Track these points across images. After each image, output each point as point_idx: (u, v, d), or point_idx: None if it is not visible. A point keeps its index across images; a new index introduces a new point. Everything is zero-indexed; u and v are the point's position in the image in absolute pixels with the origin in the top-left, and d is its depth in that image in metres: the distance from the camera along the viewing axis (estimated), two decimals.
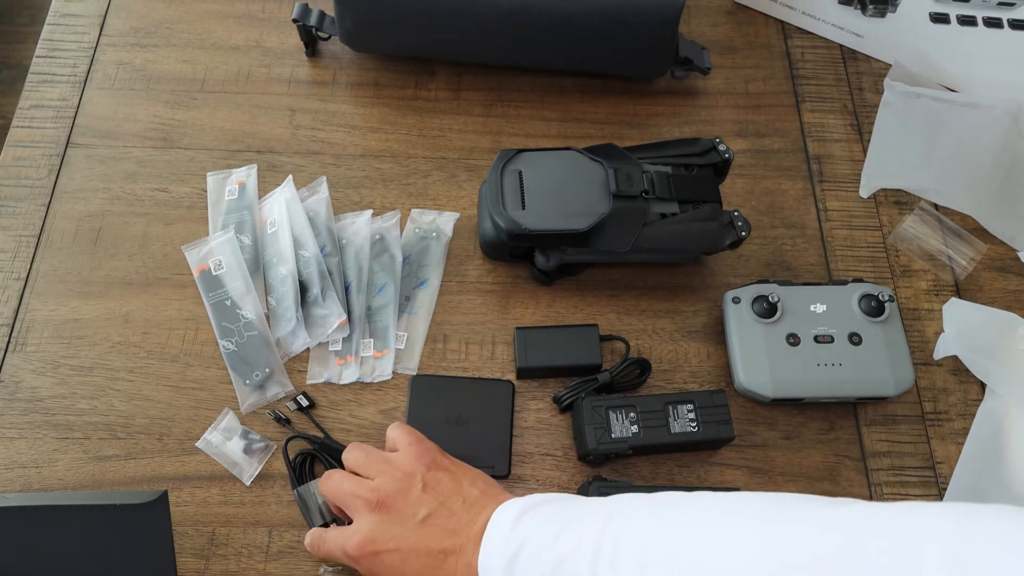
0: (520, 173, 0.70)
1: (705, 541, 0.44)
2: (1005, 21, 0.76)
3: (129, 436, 0.67)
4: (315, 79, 0.84)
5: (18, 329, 0.71)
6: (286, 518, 0.65)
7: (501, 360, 0.71)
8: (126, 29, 0.86)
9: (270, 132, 0.81)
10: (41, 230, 0.75)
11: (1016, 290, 0.76)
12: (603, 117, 0.83)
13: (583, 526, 0.48)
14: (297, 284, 0.71)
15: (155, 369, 0.70)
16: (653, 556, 0.44)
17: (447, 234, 0.76)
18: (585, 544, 0.46)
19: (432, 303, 0.73)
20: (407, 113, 0.83)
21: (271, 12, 0.88)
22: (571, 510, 0.50)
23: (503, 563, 0.49)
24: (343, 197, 0.78)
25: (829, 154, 0.83)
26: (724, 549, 0.43)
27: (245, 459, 0.66)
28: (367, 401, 0.69)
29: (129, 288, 0.73)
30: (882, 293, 0.70)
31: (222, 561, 0.63)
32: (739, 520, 0.44)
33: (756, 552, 0.41)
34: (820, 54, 0.89)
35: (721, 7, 0.91)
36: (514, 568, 0.48)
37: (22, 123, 0.81)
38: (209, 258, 0.73)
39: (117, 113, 0.81)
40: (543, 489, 0.66)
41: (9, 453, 0.66)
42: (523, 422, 0.69)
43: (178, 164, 0.79)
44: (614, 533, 0.46)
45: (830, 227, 0.79)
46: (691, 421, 0.64)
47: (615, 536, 0.46)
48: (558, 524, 0.49)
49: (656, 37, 0.77)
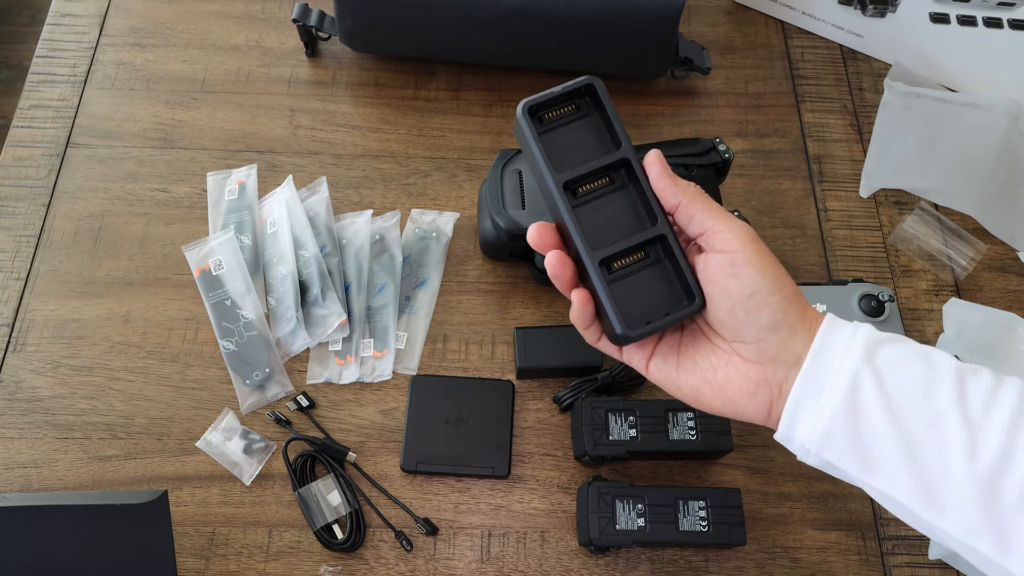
0: (520, 173, 0.70)
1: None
2: (1005, 21, 0.76)
3: (129, 436, 0.67)
4: (315, 79, 0.84)
5: (18, 329, 0.71)
6: (286, 518, 0.65)
7: (501, 360, 0.71)
8: (126, 29, 0.86)
9: (270, 132, 0.81)
10: (41, 230, 0.75)
11: (1016, 290, 0.76)
12: None
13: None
14: (297, 284, 0.71)
15: (155, 369, 0.70)
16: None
17: (447, 234, 0.76)
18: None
19: (432, 303, 0.73)
20: (407, 113, 0.83)
21: (271, 12, 0.88)
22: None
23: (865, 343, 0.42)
24: (343, 197, 0.78)
25: (829, 154, 0.83)
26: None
27: (245, 459, 0.66)
28: (367, 401, 0.69)
29: (129, 288, 0.73)
30: (882, 293, 0.70)
31: (222, 561, 0.63)
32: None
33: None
34: (820, 54, 0.88)
35: (721, 7, 0.91)
36: (877, 350, 0.42)
37: (22, 123, 0.81)
38: (209, 258, 0.73)
39: (117, 113, 0.81)
40: (543, 489, 0.67)
41: (9, 453, 0.66)
42: (523, 422, 0.69)
43: (178, 164, 0.79)
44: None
45: (830, 227, 0.79)
46: (690, 429, 0.64)
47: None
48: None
49: (656, 37, 0.77)
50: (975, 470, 0.39)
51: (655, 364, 0.47)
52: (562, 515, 0.66)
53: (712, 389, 0.45)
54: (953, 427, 0.40)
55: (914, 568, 0.65)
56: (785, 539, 0.66)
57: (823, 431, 0.42)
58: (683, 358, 0.46)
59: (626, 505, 0.61)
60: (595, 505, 0.61)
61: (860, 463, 0.42)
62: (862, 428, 0.41)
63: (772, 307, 0.42)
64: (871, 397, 0.41)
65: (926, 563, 0.65)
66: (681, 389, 0.46)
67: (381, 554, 0.64)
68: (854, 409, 0.41)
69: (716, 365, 0.45)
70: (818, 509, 0.67)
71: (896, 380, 0.41)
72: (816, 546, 0.65)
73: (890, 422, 0.40)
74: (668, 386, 0.47)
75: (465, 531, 0.65)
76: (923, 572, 0.65)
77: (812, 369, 0.42)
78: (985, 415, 0.40)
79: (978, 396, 0.40)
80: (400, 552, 0.64)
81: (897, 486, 0.41)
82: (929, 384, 0.41)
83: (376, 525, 0.65)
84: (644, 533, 0.60)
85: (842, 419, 0.41)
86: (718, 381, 0.45)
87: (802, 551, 0.65)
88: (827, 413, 0.41)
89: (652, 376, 0.47)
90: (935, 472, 0.40)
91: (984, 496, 0.39)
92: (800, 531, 0.66)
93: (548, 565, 0.64)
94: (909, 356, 0.42)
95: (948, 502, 0.40)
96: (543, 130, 0.46)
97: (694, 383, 0.45)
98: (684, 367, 0.46)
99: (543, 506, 0.66)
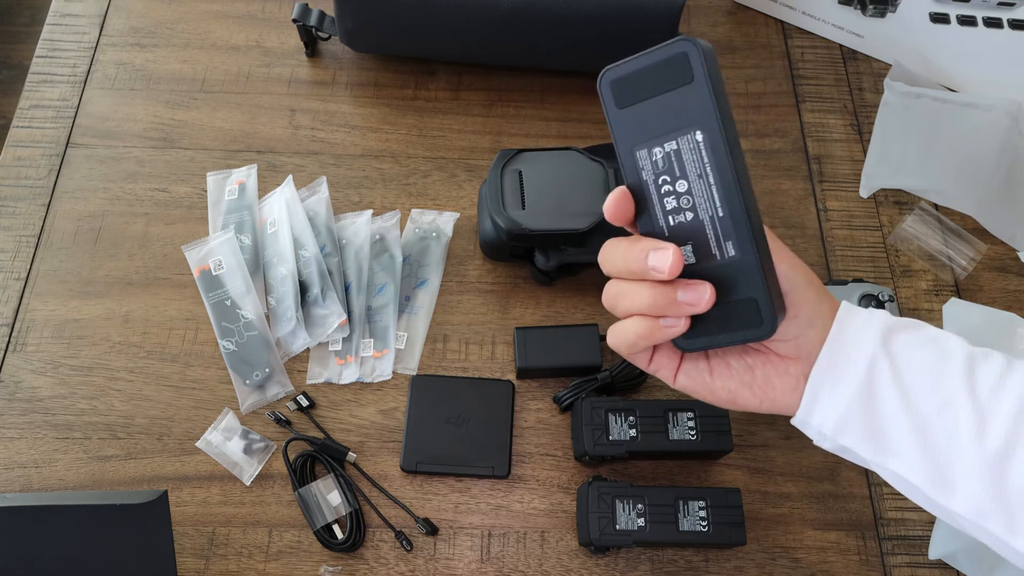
0: (520, 173, 0.70)
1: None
2: (1005, 21, 0.76)
3: (129, 436, 0.67)
4: (315, 79, 0.84)
5: (18, 329, 0.71)
6: (286, 518, 0.65)
7: (501, 360, 0.71)
8: (126, 29, 0.86)
9: (270, 132, 0.81)
10: (41, 230, 0.75)
11: (1016, 290, 0.76)
12: (603, 117, 0.83)
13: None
14: (297, 284, 0.71)
15: (155, 369, 0.70)
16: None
17: (447, 234, 0.76)
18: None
19: (432, 303, 0.73)
20: (407, 113, 0.83)
21: (271, 12, 0.88)
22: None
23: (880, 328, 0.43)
24: (343, 197, 0.78)
25: (829, 154, 0.83)
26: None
27: (245, 459, 0.66)
28: (367, 401, 0.69)
29: (129, 288, 0.73)
30: (882, 293, 0.70)
31: (222, 561, 0.63)
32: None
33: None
34: (820, 54, 0.88)
35: (721, 7, 0.91)
36: (893, 336, 0.43)
37: (22, 123, 0.81)
38: (209, 258, 0.73)
39: (117, 113, 0.81)
40: (543, 489, 0.67)
41: (9, 453, 0.66)
42: (523, 422, 0.69)
43: (178, 164, 0.79)
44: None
45: (830, 227, 0.79)
46: (691, 429, 0.64)
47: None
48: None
49: (656, 37, 0.76)
50: (984, 452, 0.40)
51: (685, 372, 0.45)
52: (562, 515, 0.66)
53: (752, 391, 0.44)
54: (963, 411, 0.41)
55: (914, 568, 0.65)
56: (785, 539, 0.66)
57: (840, 416, 0.42)
58: (715, 362, 0.45)
59: (626, 505, 0.61)
60: (595, 505, 0.61)
61: (875, 446, 0.42)
62: (877, 413, 0.42)
63: (810, 301, 0.42)
64: (886, 382, 0.41)
65: (926, 563, 0.65)
66: (716, 394, 0.45)
67: (381, 554, 0.64)
68: (870, 394, 0.42)
69: (752, 365, 0.44)
70: (818, 509, 0.67)
71: (909, 365, 0.42)
72: (816, 546, 0.65)
73: (904, 406, 0.41)
74: (699, 391, 0.45)
75: (465, 531, 0.65)
76: (923, 572, 0.65)
77: (830, 356, 0.42)
78: (995, 399, 0.41)
79: (988, 380, 0.41)
80: (400, 552, 0.64)
81: (911, 468, 0.42)
82: (941, 368, 0.42)
83: (376, 525, 0.65)
84: (644, 533, 0.60)
85: (858, 404, 0.42)
86: (758, 382, 0.44)
87: (802, 551, 0.65)
88: (845, 398, 0.42)
89: (680, 384, 0.45)
90: (946, 454, 0.41)
91: (993, 477, 0.40)
92: (800, 531, 0.66)
93: (548, 565, 0.64)
94: (923, 341, 0.43)
95: (959, 483, 0.41)
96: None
97: (731, 386, 0.44)
98: (718, 371, 0.44)
99: (543, 506, 0.66)
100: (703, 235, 0.40)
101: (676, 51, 0.38)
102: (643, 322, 0.41)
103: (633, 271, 0.41)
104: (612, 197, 0.41)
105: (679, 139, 0.39)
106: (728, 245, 0.40)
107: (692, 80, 0.38)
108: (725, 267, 0.40)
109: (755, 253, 0.39)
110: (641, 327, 0.41)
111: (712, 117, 0.38)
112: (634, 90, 0.39)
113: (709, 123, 0.38)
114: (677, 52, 0.38)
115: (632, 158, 0.40)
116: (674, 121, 0.39)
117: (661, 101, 0.39)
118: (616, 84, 0.40)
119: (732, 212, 0.39)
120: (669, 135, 0.39)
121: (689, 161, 0.39)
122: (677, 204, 0.40)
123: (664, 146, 0.40)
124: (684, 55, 0.38)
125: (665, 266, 0.39)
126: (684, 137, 0.39)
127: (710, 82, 0.38)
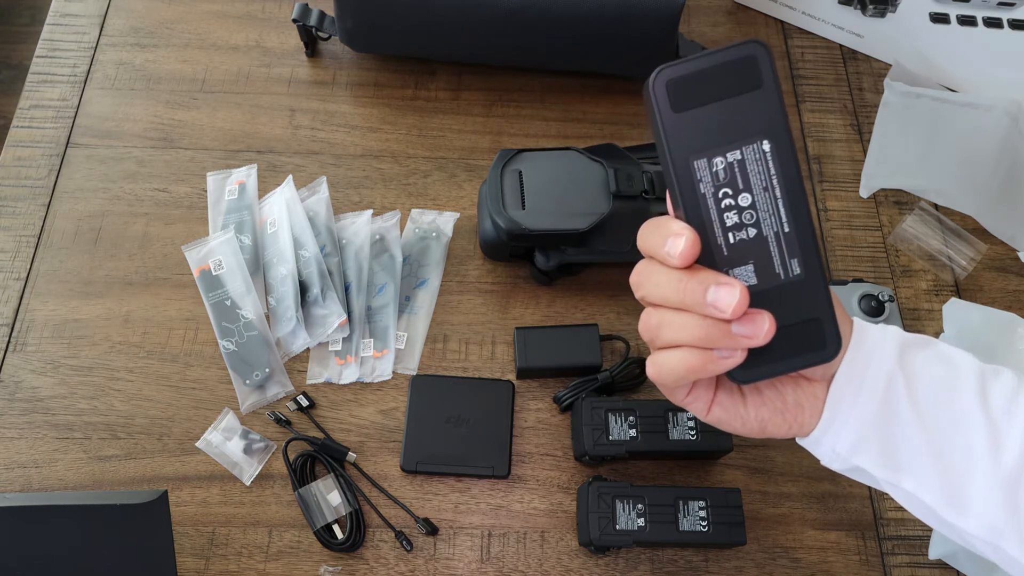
0: (520, 173, 0.70)
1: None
2: (1005, 21, 0.76)
3: (129, 436, 0.67)
4: (315, 79, 0.84)
5: (18, 329, 0.71)
6: (286, 518, 0.65)
7: (501, 360, 0.71)
8: (126, 29, 0.86)
9: (270, 132, 0.81)
10: (41, 230, 0.75)
11: (1016, 290, 0.76)
12: (603, 117, 0.83)
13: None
14: (297, 284, 0.71)
15: (155, 369, 0.70)
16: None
17: (447, 234, 0.76)
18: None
19: (432, 303, 0.73)
20: (407, 113, 0.83)
21: (271, 12, 0.88)
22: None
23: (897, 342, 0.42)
24: (343, 197, 0.78)
25: (829, 154, 0.83)
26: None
27: (245, 459, 0.66)
28: (367, 401, 0.69)
29: (129, 288, 0.73)
30: (882, 293, 0.70)
31: (222, 561, 0.63)
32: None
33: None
34: (820, 54, 0.88)
35: (721, 7, 0.91)
36: (907, 354, 0.42)
37: (22, 123, 0.81)
38: (209, 258, 0.73)
39: (117, 113, 0.81)
40: (543, 489, 0.67)
41: (9, 453, 0.66)
42: (523, 422, 0.69)
43: (178, 164, 0.79)
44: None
45: (830, 227, 0.79)
46: (690, 429, 0.64)
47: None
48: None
49: (656, 37, 0.77)
50: (999, 471, 0.40)
51: (720, 403, 0.42)
52: (562, 515, 0.66)
53: (783, 417, 0.42)
54: (978, 429, 0.40)
55: (914, 568, 0.65)
56: (785, 539, 0.66)
57: (857, 434, 0.41)
58: (748, 389, 0.43)
59: (626, 505, 0.61)
60: (595, 505, 0.61)
61: (889, 465, 0.42)
62: (893, 430, 0.41)
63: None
64: (902, 400, 0.41)
65: (926, 563, 0.65)
66: (748, 424, 0.43)
67: (381, 554, 0.64)
68: (886, 412, 0.41)
69: (782, 391, 0.42)
70: (818, 509, 0.67)
71: (924, 383, 0.41)
72: (816, 546, 0.65)
73: (919, 424, 0.41)
74: (732, 423, 0.43)
75: (465, 531, 0.65)
76: (923, 572, 0.65)
77: (847, 374, 0.42)
78: (1008, 417, 0.40)
79: (1001, 399, 0.41)
80: (400, 552, 0.64)
81: (924, 486, 0.41)
82: (954, 386, 0.41)
83: (376, 525, 0.65)
84: (644, 533, 0.60)
85: (876, 422, 0.41)
86: (789, 408, 0.42)
87: (802, 551, 0.65)
88: (865, 416, 0.41)
89: (714, 416, 0.43)
90: (961, 473, 0.40)
91: (1008, 495, 0.40)
92: (800, 531, 0.66)
93: (548, 565, 0.64)
94: (936, 359, 0.42)
95: (973, 501, 0.40)
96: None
97: (764, 415, 0.42)
98: (751, 399, 0.42)
99: (543, 506, 0.66)
100: (767, 253, 0.37)
101: (745, 53, 0.35)
102: (693, 354, 0.37)
103: (687, 304, 0.37)
104: (687, 241, 0.36)
105: (744, 148, 0.36)
106: (793, 263, 0.37)
107: (760, 86, 0.35)
108: (787, 287, 0.37)
109: (821, 269, 0.37)
110: (692, 360, 0.37)
111: (781, 126, 0.36)
112: (694, 93, 0.36)
113: (777, 132, 0.36)
114: (747, 54, 0.35)
115: (688, 169, 0.36)
116: (739, 129, 0.36)
117: (724, 107, 0.36)
118: (674, 85, 0.36)
119: (799, 227, 0.37)
120: (734, 144, 0.36)
121: (754, 173, 0.36)
122: (739, 220, 0.37)
123: (727, 156, 0.36)
124: (753, 58, 0.35)
125: (729, 306, 0.35)
126: (750, 147, 0.36)
127: (779, 89, 0.36)
